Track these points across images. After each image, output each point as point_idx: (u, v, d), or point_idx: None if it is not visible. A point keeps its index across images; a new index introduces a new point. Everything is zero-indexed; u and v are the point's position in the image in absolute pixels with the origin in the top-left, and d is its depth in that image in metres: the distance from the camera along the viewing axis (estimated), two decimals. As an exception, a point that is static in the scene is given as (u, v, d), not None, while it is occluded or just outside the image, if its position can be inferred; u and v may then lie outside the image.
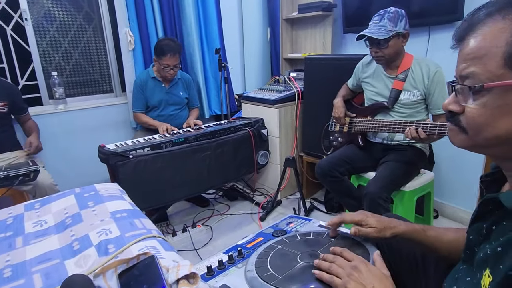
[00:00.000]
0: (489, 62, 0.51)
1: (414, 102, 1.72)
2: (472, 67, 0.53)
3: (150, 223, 1.02)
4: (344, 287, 0.66)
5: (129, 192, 1.33)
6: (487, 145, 0.55)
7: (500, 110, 0.51)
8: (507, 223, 0.54)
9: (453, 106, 0.57)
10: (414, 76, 1.70)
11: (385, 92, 1.79)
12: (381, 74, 1.81)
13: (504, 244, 0.50)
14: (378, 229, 0.81)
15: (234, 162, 2.26)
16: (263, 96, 2.52)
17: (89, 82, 2.56)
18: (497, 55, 0.50)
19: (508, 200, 0.53)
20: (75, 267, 0.82)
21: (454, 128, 0.58)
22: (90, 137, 2.43)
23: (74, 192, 1.20)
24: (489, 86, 0.50)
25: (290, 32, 2.97)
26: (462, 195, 2.15)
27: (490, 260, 0.52)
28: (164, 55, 2.20)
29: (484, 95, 0.52)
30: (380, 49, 1.67)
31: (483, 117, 0.53)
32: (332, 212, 2.37)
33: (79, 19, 2.43)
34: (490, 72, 0.51)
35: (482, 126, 0.53)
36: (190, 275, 0.70)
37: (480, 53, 0.52)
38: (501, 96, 0.50)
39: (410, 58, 1.73)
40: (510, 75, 0.49)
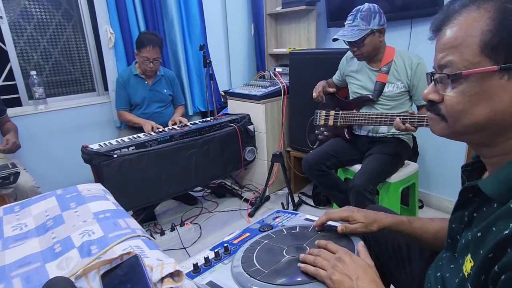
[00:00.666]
0: (465, 50, 0.52)
1: (398, 94, 1.74)
2: (450, 56, 0.54)
3: (135, 223, 1.01)
4: (329, 278, 0.67)
5: (115, 193, 1.31)
6: (466, 132, 0.56)
7: (478, 97, 0.52)
8: (487, 209, 0.55)
9: (432, 95, 0.59)
10: (397, 68, 1.72)
11: (369, 85, 1.80)
12: (365, 68, 1.83)
13: (484, 229, 0.51)
14: (364, 224, 0.82)
15: (221, 159, 2.25)
16: (248, 92, 2.51)
17: (70, 81, 2.50)
18: (473, 43, 0.51)
19: (486, 186, 0.54)
20: (56, 269, 0.80)
21: (435, 117, 0.59)
22: (73, 137, 2.38)
23: (56, 193, 1.17)
24: (466, 74, 0.51)
25: (275, 27, 2.96)
26: (446, 185, 2.20)
27: (471, 246, 0.53)
28: (144, 47, 2.17)
29: (462, 83, 0.53)
30: (357, 48, 1.70)
31: (461, 104, 0.54)
32: (320, 206, 2.39)
33: (58, 16, 2.37)
34: (467, 60, 0.52)
35: (461, 113, 0.54)
36: (174, 273, 0.69)
37: (457, 42, 0.53)
38: (478, 83, 0.51)
39: (391, 50, 1.75)
40: (486, 63, 0.50)
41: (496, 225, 0.48)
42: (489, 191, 0.53)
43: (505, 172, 0.52)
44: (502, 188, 0.51)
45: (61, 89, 2.48)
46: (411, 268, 0.88)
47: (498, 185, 0.52)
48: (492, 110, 0.51)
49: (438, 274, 0.63)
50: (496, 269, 0.45)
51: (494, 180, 0.53)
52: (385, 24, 1.69)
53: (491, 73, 0.50)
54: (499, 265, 0.44)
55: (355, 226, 0.82)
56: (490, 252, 0.47)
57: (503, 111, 0.51)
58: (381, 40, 1.71)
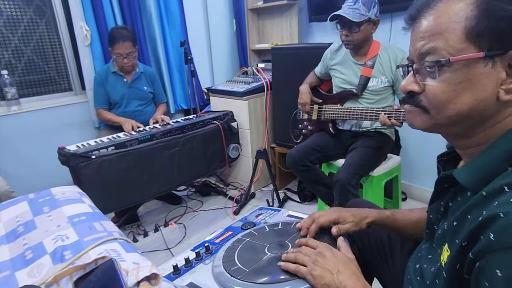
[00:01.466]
0: (450, 37, 0.50)
1: (382, 89, 1.74)
2: (432, 42, 0.52)
3: (112, 225, 0.97)
4: (310, 274, 0.66)
5: (94, 195, 1.27)
6: (449, 123, 0.54)
7: (462, 86, 0.50)
8: (461, 199, 0.55)
9: (412, 86, 0.56)
10: (382, 63, 1.72)
11: (354, 79, 1.80)
12: (349, 61, 1.82)
13: (459, 218, 0.51)
14: (355, 222, 0.81)
15: (204, 157, 2.22)
16: (231, 88, 2.48)
17: (45, 81, 2.40)
18: (457, 29, 0.50)
19: (461, 176, 0.54)
20: (27, 277, 0.76)
21: (415, 109, 0.57)
22: (49, 139, 2.29)
23: (28, 198, 1.11)
24: (454, 60, 0.50)
25: (257, 22, 2.93)
26: (428, 177, 2.24)
27: (448, 235, 0.53)
28: (115, 43, 2.10)
29: (445, 71, 0.51)
30: (351, 33, 1.66)
31: (445, 94, 0.52)
32: (306, 202, 2.39)
33: (29, 13, 2.27)
34: (452, 46, 0.50)
35: (445, 103, 0.52)
36: (151, 276, 0.67)
37: (440, 28, 0.51)
38: (462, 71, 0.50)
39: (377, 45, 1.75)
40: (471, 49, 0.49)
41: (470, 213, 0.48)
42: (463, 180, 0.53)
43: (479, 161, 0.52)
44: (476, 178, 0.51)
45: (35, 89, 2.38)
46: (393, 261, 0.89)
47: (472, 174, 0.52)
48: (476, 99, 0.50)
49: (417, 266, 0.63)
50: (470, 256, 0.45)
51: (468, 170, 0.53)
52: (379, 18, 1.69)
53: (476, 60, 0.49)
54: (473, 252, 0.44)
55: (347, 226, 0.81)
56: (465, 241, 0.47)
57: (487, 100, 0.50)
58: (373, 32, 1.70)
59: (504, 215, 0.42)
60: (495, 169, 0.49)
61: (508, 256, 0.40)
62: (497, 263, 0.41)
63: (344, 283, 0.62)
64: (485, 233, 0.43)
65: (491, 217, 0.43)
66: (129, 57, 2.17)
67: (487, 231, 0.43)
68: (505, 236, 0.41)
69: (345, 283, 0.62)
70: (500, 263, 0.41)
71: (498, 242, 0.41)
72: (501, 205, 0.43)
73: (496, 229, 0.42)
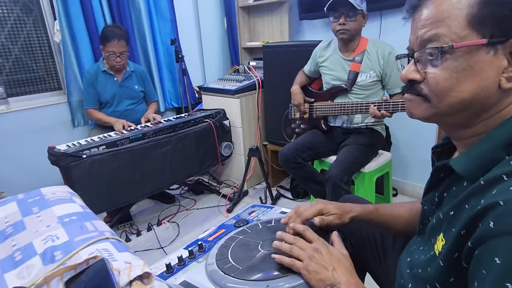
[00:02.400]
0: (452, 23, 0.50)
1: (371, 83, 1.76)
2: (435, 29, 0.52)
3: (103, 225, 0.96)
4: (305, 269, 0.66)
5: (85, 194, 1.25)
6: (450, 112, 0.54)
7: (464, 73, 0.50)
8: (456, 188, 0.55)
9: (414, 75, 0.56)
10: (370, 58, 1.74)
11: (343, 75, 1.81)
12: (338, 58, 1.83)
13: (456, 207, 0.51)
14: (338, 215, 0.81)
15: (196, 155, 2.21)
16: (223, 86, 2.47)
17: (33, 80, 2.36)
18: (459, 16, 0.50)
19: (458, 164, 0.53)
20: (16, 279, 0.75)
21: (415, 98, 0.57)
22: (39, 139, 2.25)
23: (17, 198, 1.09)
24: (458, 46, 0.49)
25: (247, 20, 2.92)
26: (419, 172, 2.27)
27: (444, 225, 0.53)
28: (108, 41, 2.07)
29: (447, 58, 0.51)
30: (347, 21, 1.67)
31: (448, 81, 0.52)
32: (299, 199, 2.40)
33: (16, 10, 2.22)
34: (455, 33, 0.50)
35: (447, 91, 0.52)
36: (144, 275, 0.66)
37: (443, 15, 0.51)
38: (465, 58, 0.50)
39: (365, 40, 1.77)
40: (473, 36, 0.49)
41: (468, 202, 0.48)
42: (460, 169, 0.52)
43: (476, 150, 0.52)
44: (473, 166, 0.51)
45: (24, 88, 2.34)
46: (385, 256, 0.89)
47: (470, 163, 0.52)
48: (478, 87, 0.50)
49: (408, 259, 0.64)
50: (469, 244, 0.45)
51: (465, 158, 0.53)
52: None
53: (478, 47, 0.49)
54: (471, 240, 0.44)
55: (331, 218, 0.80)
56: (463, 229, 0.46)
57: (488, 88, 0.50)
58: (363, 27, 1.73)
59: (503, 202, 0.41)
60: (492, 158, 0.48)
61: (506, 243, 0.40)
62: (496, 250, 0.41)
63: (338, 279, 0.63)
64: (484, 221, 0.43)
65: (490, 205, 0.43)
66: (122, 56, 2.14)
67: (487, 219, 0.43)
68: (504, 223, 0.41)
69: (339, 280, 0.63)
70: (498, 250, 0.40)
71: (497, 229, 0.41)
72: (500, 193, 0.43)
73: (495, 217, 0.42)
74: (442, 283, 0.51)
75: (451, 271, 0.49)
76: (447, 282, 0.50)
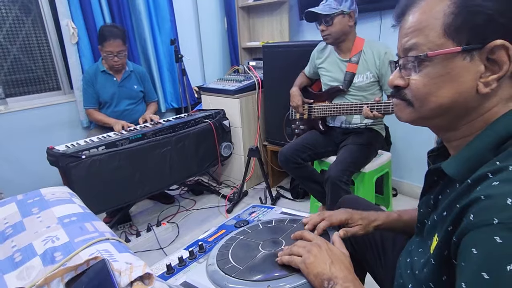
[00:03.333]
0: (430, 33, 0.52)
1: (368, 84, 1.76)
2: (414, 38, 0.54)
3: (104, 226, 0.96)
4: (304, 263, 0.67)
5: (85, 195, 1.25)
6: (432, 115, 0.56)
7: (442, 79, 0.52)
8: (450, 190, 0.56)
9: (398, 81, 0.59)
10: (366, 58, 1.74)
11: (340, 76, 1.81)
12: (335, 59, 1.83)
13: (448, 208, 0.52)
14: (363, 225, 0.82)
15: (196, 155, 2.21)
16: (222, 86, 2.47)
17: (32, 80, 2.36)
18: (436, 25, 0.52)
19: (449, 167, 0.55)
20: (16, 280, 0.74)
21: (401, 102, 0.60)
22: (38, 139, 2.25)
23: (16, 199, 1.09)
24: (432, 55, 0.52)
25: (247, 20, 2.92)
26: (418, 172, 2.27)
27: (438, 225, 0.54)
28: (105, 41, 2.07)
29: (426, 65, 0.53)
30: (326, 27, 1.69)
31: (427, 87, 0.54)
32: (298, 199, 2.40)
33: (15, 10, 2.22)
34: (432, 42, 0.52)
35: (426, 96, 0.54)
36: (145, 276, 0.66)
37: (421, 25, 0.53)
38: (442, 65, 0.52)
39: (361, 41, 1.77)
40: (449, 44, 0.51)
41: (459, 202, 0.49)
42: (450, 171, 0.54)
43: (464, 153, 0.53)
44: (463, 168, 0.52)
45: (23, 88, 2.33)
46: (385, 257, 0.90)
47: (459, 165, 0.53)
48: (456, 92, 0.52)
49: (408, 260, 0.64)
50: (454, 239, 0.46)
51: (455, 161, 0.55)
52: (357, 12, 1.71)
53: (454, 55, 0.51)
54: (455, 235, 0.46)
55: (355, 229, 0.81)
56: (450, 225, 0.48)
57: (467, 92, 0.52)
58: (350, 25, 1.71)
59: (484, 197, 0.43)
60: (480, 160, 0.50)
61: (482, 234, 0.41)
62: (473, 241, 0.42)
63: (335, 274, 0.64)
64: (467, 215, 0.44)
65: (473, 200, 0.44)
66: (120, 55, 2.13)
67: (469, 213, 0.44)
68: (482, 215, 0.42)
69: (336, 274, 0.63)
70: (475, 241, 0.42)
71: (476, 221, 0.42)
72: (484, 189, 0.45)
73: (475, 210, 0.43)
74: (435, 282, 0.52)
75: (443, 269, 0.50)
76: (440, 281, 0.51)
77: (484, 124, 0.53)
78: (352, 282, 0.63)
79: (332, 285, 0.62)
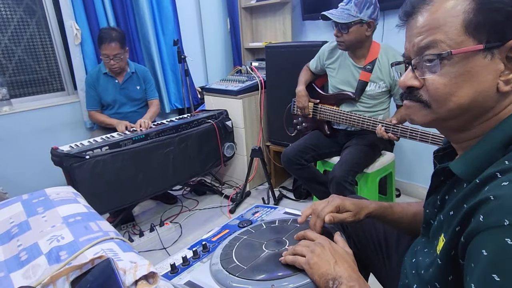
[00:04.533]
0: (449, 30, 0.51)
1: (379, 94, 1.74)
2: (431, 36, 0.52)
3: (108, 225, 0.96)
4: (308, 263, 0.67)
5: (89, 195, 1.25)
6: (450, 116, 0.54)
7: (462, 78, 0.51)
8: (457, 190, 0.55)
9: (412, 81, 0.56)
10: (381, 67, 1.69)
11: (352, 81, 1.77)
12: (348, 63, 1.78)
13: (455, 208, 0.51)
14: (353, 212, 0.80)
15: (199, 156, 2.21)
16: (225, 87, 2.48)
17: (36, 81, 2.37)
18: (456, 23, 0.50)
19: (456, 167, 0.54)
20: (22, 279, 0.75)
21: (415, 104, 0.57)
22: (42, 140, 2.26)
23: (21, 199, 1.10)
24: (456, 53, 0.50)
25: (250, 20, 2.93)
26: (421, 173, 2.26)
27: (444, 225, 0.54)
28: (102, 43, 2.07)
29: (446, 64, 0.52)
30: (341, 33, 1.62)
31: (447, 87, 0.52)
32: (301, 199, 2.40)
33: (19, 12, 2.23)
34: (452, 39, 0.51)
35: (446, 96, 0.53)
36: (149, 275, 0.66)
37: (439, 23, 0.52)
38: (462, 64, 0.51)
39: (377, 47, 1.70)
40: (470, 42, 0.50)
41: (466, 201, 0.48)
42: (458, 171, 0.53)
43: (473, 152, 0.53)
44: (470, 168, 0.52)
45: (27, 89, 2.35)
46: (389, 257, 0.89)
47: (467, 165, 0.52)
48: (476, 91, 0.51)
49: (413, 260, 0.64)
50: (462, 240, 0.46)
51: (463, 161, 0.54)
52: (377, 20, 1.62)
53: (475, 53, 0.50)
54: (464, 235, 0.45)
55: (344, 216, 0.79)
56: (458, 226, 0.47)
57: (486, 91, 0.51)
58: (368, 35, 1.63)
59: (494, 197, 0.42)
60: (488, 159, 0.49)
61: (493, 235, 0.41)
62: (483, 243, 0.42)
63: (340, 274, 0.63)
64: (476, 216, 0.44)
65: (482, 200, 0.44)
66: (116, 58, 2.12)
67: (478, 213, 0.44)
68: (492, 216, 0.41)
69: (341, 274, 0.63)
70: (486, 243, 0.41)
71: (486, 223, 0.42)
72: (492, 189, 0.44)
73: (485, 211, 0.43)
74: (441, 282, 0.51)
75: (449, 269, 0.50)
76: (446, 281, 0.51)
77: (496, 123, 0.52)
78: (357, 281, 0.62)
79: (337, 284, 0.62)
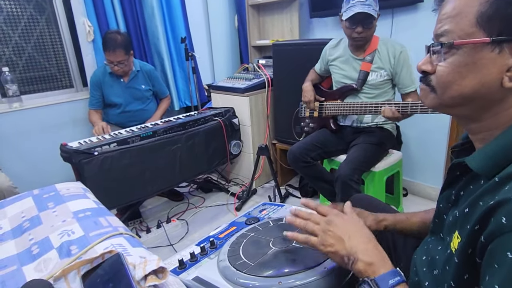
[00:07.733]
0: (461, 20, 0.51)
1: (381, 82, 1.75)
2: (447, 25, 0.53)
3: (117, 221, 0.98)
4: (322, 244, 0.67)
5: (97, 191, 1.27)
6: (453, 104, 0.56)
7: (467, 69, 0.52)
8: (474, 186, 0.55)
9: (426, 66, 0.59)
10: (380, 57, 1.72)
11: (353, 74, 1.80)
12: (348, 57, 1.82)
13: (471, 205, 0.51)
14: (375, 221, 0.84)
15: (206, 153, 2.22)
16: (232, 85, 2.48)
17: (46, 78, 2.40)
18: (470, 14, 0.51)
19: (473, 162, 0.54)
20: (34, 272, 0.77)
21: (425, 87, 0.60)
22: (51, 136, 2.29)
23: (32, 194, 1.12)
24: (458, 44, 0.51)
25: (257, 18, 2.92)
26: (429, 173, 2.24)
27: (459, 222, 0.53)
28: (106, 50, 2.08)
29: (454, 53, 0.53)
30: (364, 29, 1.65)
31: (451, 75, 0.54)
32: (307, 198, 2.39)
33: (29, 9, 2.26)
34: (462, 30, 0.51)
35: (449, 84, 0.54)
36: (158, 269, 0.67)
37: (455, 12, 0.52)
38: (469, 55, 0.51)
39: (376, 39, 1.75)
40: (480, 34, 0.50)
41: (483, 199, 0.48)
42: (475, 166, 0.53)
43: (491, 147, 0.52)
44: (489, 164, 0.51)
45: (37, 85, 2.38)
46: (396, 254, 0.89)
47: (485, 160, 0.52)
48: (479, 83, 0.51)
49: (424, 258, 0.63)
50: (482, 239, 0.45)
51: (480, 156, 0.54)
52: None
53: (483, 45, 0.50)
54: (484, 235, 0.45)
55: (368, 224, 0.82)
56: (476, 225, 0.47)
57: (489, 85, 0.51)
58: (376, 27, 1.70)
59: None
60: (506, 156, 0.49)
61: None
62: (508, 245, 0.41)
63: (355, 249, 0.64)
64: (497, 216, 0.44)
65: (502, 200, 0.44)
66: (120, 64, 2.13)
67: (499, 214, 0.43)
68: None
69: (356, 249, 0.64)
70: (510, 245, 0.41)
71: (509, 225, 0.42)
72: None
73: (507, 213, 0.42)
74: (457, 280, 0.51)
75: (465, 267, 0.50)
76: (461, 280, 0.50)
77: (510, 119, 0.52)
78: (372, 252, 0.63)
79: (353, 260, 0.62)
